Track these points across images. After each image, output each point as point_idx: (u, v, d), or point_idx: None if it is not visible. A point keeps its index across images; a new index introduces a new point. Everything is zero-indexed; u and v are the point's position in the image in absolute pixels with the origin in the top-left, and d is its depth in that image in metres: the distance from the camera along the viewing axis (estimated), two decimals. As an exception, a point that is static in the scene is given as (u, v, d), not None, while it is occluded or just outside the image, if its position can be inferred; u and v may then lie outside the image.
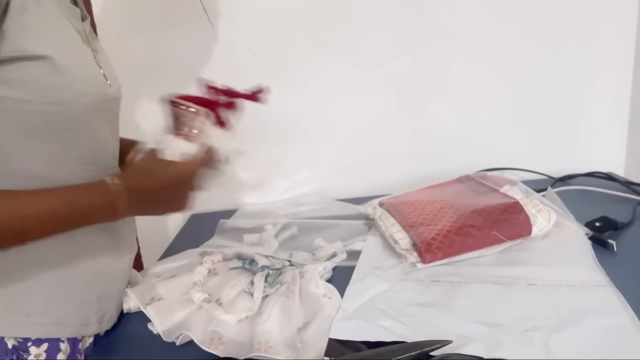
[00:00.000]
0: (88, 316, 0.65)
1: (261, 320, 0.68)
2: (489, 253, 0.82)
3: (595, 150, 1.27)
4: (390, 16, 1.19)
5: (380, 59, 1.22)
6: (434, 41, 1.20)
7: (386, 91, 1.24)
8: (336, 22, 1.19)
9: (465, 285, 0.73)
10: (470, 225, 0.82)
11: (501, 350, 0.57)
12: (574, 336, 0.59)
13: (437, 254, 0.79)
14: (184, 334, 0.67)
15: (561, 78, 1.22)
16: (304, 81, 1.24)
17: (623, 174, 1.25)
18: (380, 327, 0.64)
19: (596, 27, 1.18)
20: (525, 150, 1.27)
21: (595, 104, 1.24)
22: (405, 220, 0.89)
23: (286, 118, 1.26)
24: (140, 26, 1.19)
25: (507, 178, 1.01)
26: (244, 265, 0.84)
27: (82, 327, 0.64)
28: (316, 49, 1.21)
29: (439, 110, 1.25)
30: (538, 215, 0.83)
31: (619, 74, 1.22)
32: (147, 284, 0.79)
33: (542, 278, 0.72)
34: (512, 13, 1.18)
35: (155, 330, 0.69)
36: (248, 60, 1.22)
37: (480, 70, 1.22)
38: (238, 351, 0.63)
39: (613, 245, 0.81)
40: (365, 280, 0.78)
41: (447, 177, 1.08)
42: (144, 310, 0.71)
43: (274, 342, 0.64)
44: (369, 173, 1.30)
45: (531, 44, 1.20)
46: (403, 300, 0.71)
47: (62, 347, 0.62)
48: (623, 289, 0.67)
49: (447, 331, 0.61)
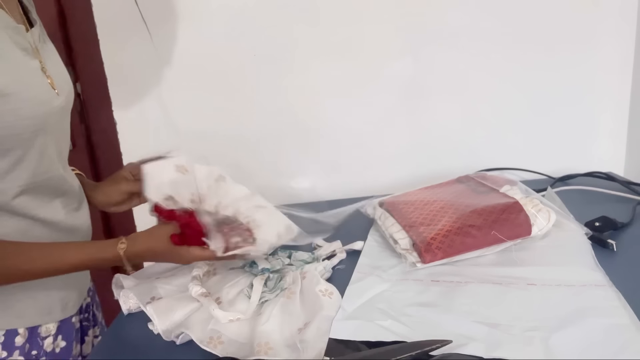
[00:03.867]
0: (51, 305, 0.69)
1: (261, 321, 0.68)
2: (488, 253, 0.82)
3: (595, 150, 1.27)
4: (391, 16, 1.19)
5: (380, 59, 1.22)
6: (434, 42, 1.20)
7: (386, 91, 1.24)
8: (336, 22, 1.19)
9: (465, 285, 0.73)
10: (470, 225, 0.82)
11: (501, 350, 0.57)
12: (574, 336, 0.59)
13: (437, 254, 0.79)
14: (183, 333, 0.67)
15: (561, 78, 1.22)
16: (304, 81, 1.24)
17: (623, 174, 1.26)
18: (380, 327, 0.64)
19: (596, 27, 1.18)
20: (525, 150, 1.27)
21: (595, 104, 1.24)
22: (405, 220, 0.89)
23: (286, 118, 1.27)
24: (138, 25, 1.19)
25: (507, 178, 1.01)
26: (244, 267, 0.84)
27: (44, 316, 0.69)
28: (316, 49, 1.21)
29: (439, 111, 1.25)
30: (538, 215, 0.83)
31: (618, 74, 1.22)
32: (147, 283, 0.79)
33: (542, 278, 0.72)
34: (512, 13, 1.18)
35: (155, 330, 0.70)
36: (248, 61, 1.22)
37: (480, 70, 1.22)
38: (237, 351, 0.63)
39: (613, 245, 0.81)
40: (365, 280, 0.78)
41: (447, 177, 1.08)
42: (144, 309, 0.71)
43: (274, 343, 0.64)
44: (369, 173, 1.30)
45: (531, 44, 1.20)
46: (403, 300, 0.71)
47: (20, 332, 0.66)
48: (623, 289, 0.67)
49: (447, 331, 0.62)
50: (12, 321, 0.66)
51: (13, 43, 0.62)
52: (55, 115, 0.67)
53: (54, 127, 0.67)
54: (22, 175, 0.63)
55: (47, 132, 0.65)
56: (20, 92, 0.59)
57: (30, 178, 0.64)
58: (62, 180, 0.70)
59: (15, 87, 0.59)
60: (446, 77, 1.23)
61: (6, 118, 0.58)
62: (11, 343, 0.65)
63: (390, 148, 1.29)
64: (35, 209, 0.66)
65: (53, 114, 0.66)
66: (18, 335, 0.66)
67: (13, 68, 0.60)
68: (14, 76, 0.60)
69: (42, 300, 0.69)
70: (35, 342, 0.68)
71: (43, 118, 0.63)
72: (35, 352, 0.68)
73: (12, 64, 0.61)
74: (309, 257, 0.87)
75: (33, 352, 0.68)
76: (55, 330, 0.71)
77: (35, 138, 0.63)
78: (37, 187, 0.66)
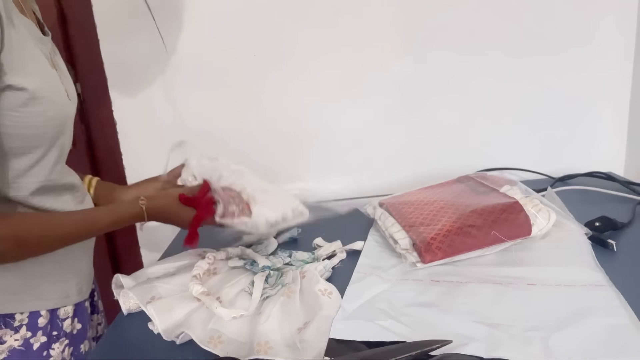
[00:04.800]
0: (68, 289, 0.75)
1: (261, 320, 0.68)
2: (488, 253, 0.82)
3: (595, 150, 1.27)
4: (391, 17, 1.19)
5: (380, 59, 1.22)
6: (434, 42, 1.21)
7: (386, 91, 1.24)
8: (336, 22, 1.20)
9: (465, 285, 0.73)
10: (470, 225, 0.82)
11: (501, 350, 0.57)
12: (574, 336, 0.59)
13: (437, 254, 0.79)
14: (184, 333, 0.67)
15: (561, 78, 1.22)
16: (304, 81, 1.24)
17: (623, 173, 1.26)
18: (380, 327, 0.64)
19: (596, 27, 1.18)
20: (525, 150, 1.27)
21: (595, 104, 1.24)
22: (405, 220, 0.89)
23: (286, 118, 1.27)
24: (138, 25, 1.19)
25: (506, 178, 1.01)
26: (244, 266, 0.84)
27: (63, 299, 0.74)
28: (316, 50, 1.21)
29: (439, 111, 1.25)
30: (538, 215, 0.83)
31: (618, 74, 1.22)
32: (147, 283, 0.79)
33: (541, 278, 0.73)
34: (512, 13, 1.18)
35: (155, 330, 0.70)
36: (248, 61, 1.22)
37: (480, 70, 1.22)
38: (237, 351, 0.63)
39: (613, 245, 0.81)
40: (365, 280, 0.78)
41: (447, 177, 1.08)
42: (145, 309, 0.72)
43: (274, 342, 0.64)
44: (369, 173, 1.30)
45: (531, 44, 1.20)
46: (403, 300, 0.71)
47: (43, 314, 0.71)
48: (623, 289, 0.67)
49: (447, 331, 0.62)
50: (36, 304, 0.71)
51: (42, 53, 0.68)
52: (71, 118, 0.74)
53: (69, 129, 0.74)
54: (41, 172, 0.68)
55: (66, 133, 0.72)
56: (49, 96, 0.66)
57: (47, 175, 0.69)
58: (69, 175, 0.76)
59: (45, 92, 0.65)
60: (446, 77, 1.23)
61: (36, 119, 0.64)
62: (34, 324, 0.70)
63: (390, 148, 1.29)
64: (49, 203, 0.71)
65: (70, 117, 0.73)
66: (41, 317, 0.71)
67: (43, 73, 0.67)
68: (44, 81, 0.66)
69: (60, 285, 0.74)
70: (55, 323, 0.73)
71: (64, 119, 0.70)
72: (55, 332, 0.73)
73: (42, 69, 0.67)
74: (309, 257, 0.87)
75: (54, 333, 0.73)
76: (72, 313, 0.76)
77: (57, 138, 0.69)
78: (51, 183, 0.71)
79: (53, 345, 0.72)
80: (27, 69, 0.63)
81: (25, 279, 0.69)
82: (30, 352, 0.70)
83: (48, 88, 0.66)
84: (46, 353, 0.71)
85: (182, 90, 1.26)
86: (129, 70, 1.25)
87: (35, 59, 0.66)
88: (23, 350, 0.69)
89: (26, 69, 0.62)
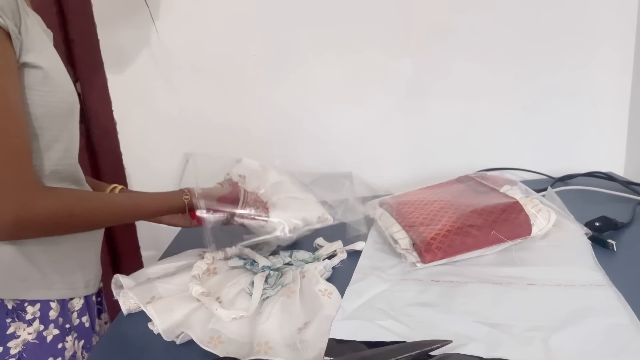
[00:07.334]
0: (75, 281, 0.76)
1: (261, 320, 0.68)
2: (488, 253, 0.82)
3: (595, 150, 1.27)
4: (391, 17, 1.19)
5: (380, 60, 1.22)
6: (434, 42, 1.21)
7: (386, 91, 1.24)
8: (336, 22, 1.20)
9: (465, 285, 0.73)
10: (470, 225, 0.82)
11: (501, 350, 0.57)
12: (574, 336, 0.59)
13: (437, 254, 0.79)
14: (184, 333, 0.67)
15: (561, 78, 1.22)
16: (304, 81, 1.24)
17: (623, 174, 1.26)
18: (380, 327, 0.64)
19: (595, 27, 1.19)
20: (525, 150, 1.27)
21: (595, 104, 1.24)
22: (405, 220, 0.89)
23: (286, 118, 1.27)
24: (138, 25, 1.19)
25: (507, 178, 1.01)
26: (244, 266, 0.84)
27: (70, 290, 0.76)
28: (316, 50, 1.21)
29: (439, 111, 1.25)
30: (538, 215, 0.83)
31: (619, 73, 1.22)
32: (147, 283, 0.79)
33: (542, 278, 0.73)
34: (512, 13, 1.18)
35: (155, 330, 0.69)
36: (248, 61, 1.22)
37: (480, 70, 1.22)
38: (237, 351, 0.63)
39: (613, 245, 0.81)
40: (365, 280, 0.78)
41: (446, 177, 1.08)
42: (145, 309, 0.71)
43: (274, 342, 0.64)
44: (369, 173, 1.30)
45: (531, 44, 1.20)
46: (403, 300, 0.71)
47: (53, 306, 0.72)
48: (623, 289, 0.67)
49: (447, 331, 0.61)
50: (43, 292, 0.72)
51: (48, 39, 0.71)
52: (77, 107, 0.75)
53: (77, 117, 0.76)
54: (54, 155, 0.70)
55: (74, 119, 0.75)
56: (59, 78, 0.68)
57: (60, 160, 0.71)
58: (77, 168, 0.78)
59: (55, 73, 0.68)
60: (446, 77, 1.23)
61: (48, 98, 0.67)
62: (46, 316, 0.72)
63: (390, 148, 1.29)
64: None
65: (76, 105, 0.75)
66: (51, 310, 0.72)
67: (53, 57, 0.69)
68: (55, 63, 0.69)
69: (68, 276, 0.75)
70: (66, 315, 0.75)
71: (72, 105, 0.73)
72: (68, 325, 0.75)
73: (51, 53, 0.70)
74: (310, 257, 0.87)
75: (67, 326, 0.74)
76: (81, 307, 0.78)
77: (67, 121, 0.72)
78: (62, 171, 0.72)
79: (66, 337, 0.74)
80: (40, 50, 0.66)
81: (34, 267, 0.70)
82: (45, 345, 0.71)
83: (58, 70, 0.69)
84: (61, 346, 0.73)
85: (182, 91, 1.26)
86: (129, 71, 1.25)
87: (45, 43, 0.68)
88: (37, 344, 0.70)
89: (39, 50, 0.65)
